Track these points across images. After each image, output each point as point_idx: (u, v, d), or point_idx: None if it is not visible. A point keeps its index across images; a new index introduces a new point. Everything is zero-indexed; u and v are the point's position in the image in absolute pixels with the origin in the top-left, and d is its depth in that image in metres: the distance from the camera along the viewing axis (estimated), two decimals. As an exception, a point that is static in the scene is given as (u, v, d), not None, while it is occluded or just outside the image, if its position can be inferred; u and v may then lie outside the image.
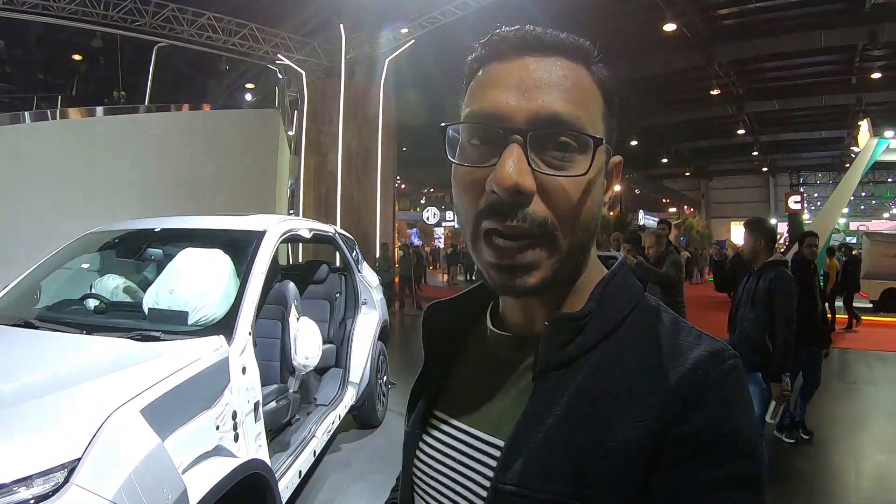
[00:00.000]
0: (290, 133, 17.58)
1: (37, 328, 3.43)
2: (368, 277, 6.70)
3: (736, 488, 0.71)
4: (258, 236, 4.10)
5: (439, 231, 38.38)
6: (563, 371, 0.81)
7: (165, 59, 16.92)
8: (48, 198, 9.56)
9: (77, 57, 22.08)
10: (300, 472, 4.22)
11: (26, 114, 10.84)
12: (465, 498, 0.87)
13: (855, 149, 23.16)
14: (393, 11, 15.15)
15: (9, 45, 21.73)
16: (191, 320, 3.45)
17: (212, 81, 25.68)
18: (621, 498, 0.72)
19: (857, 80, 23.81)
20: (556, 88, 0.78)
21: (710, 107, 27.71)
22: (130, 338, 3.08)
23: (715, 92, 23.73)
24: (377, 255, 16.14)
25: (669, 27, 18.04)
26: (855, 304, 15.31)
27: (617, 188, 0.96)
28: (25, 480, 1.99)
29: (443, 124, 0.85)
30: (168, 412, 2.53)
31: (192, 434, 2.69)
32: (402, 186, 38.82)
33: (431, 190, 46.51)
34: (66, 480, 2.04)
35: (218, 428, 2.90)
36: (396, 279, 17.90)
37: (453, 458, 0.90)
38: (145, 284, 4.31)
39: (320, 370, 5.56)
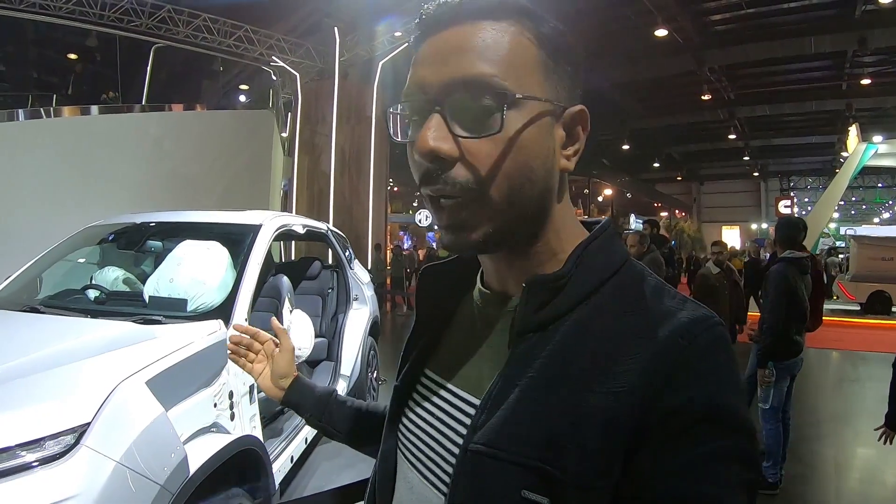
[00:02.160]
0: (284, 134, 17.65)
1: (42, 313, 3.57)
2: (360, 274, 6.83)
3: (727, 463, 0.70)
4: (254, 230, 4.25)
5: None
6: (541, 333, 0.81)
7: (161, 59, 17.00)
8: (47, 193, 9.61)
9: (72, 56, 22.07)
10: (292, 457, 4.36)
11: (20, 111, 10.87)
12: (439, 455, 0.89)
13: (845, 154, 23.36)
14: (387, 14, 15.27)
15: (3, 43, 21.72)
16: (189, 307, 3.59)
17: (206, 82, 25.69)
18: (593, 465, 0.71)
19: (848, 86, 23.96)
20: (470, 52, 0.79)
21: (701, 111, 27.81)
22: (133, 321, 3.24)
23: (706, 97, 23.84)
24: (370, 255, 16.27)
25: (661, 32, 18.16)
26: (842, 307, 15.55)
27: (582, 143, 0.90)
28: (38, 442, 2.15)
29: (386, 110, 0.90)
30: (171, 386, 2.70)
31: (192, 409, 2.85)
32: (395, 189, 38.87)
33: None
34: (77, 442, 2.19)
35: (216, 406, 3.06)
36: (388, 280, 18.03)
37: (436, 416, 0.92)
38: (144, 277, 4.44)
39: (312, 363, 5.69)
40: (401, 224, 39.12)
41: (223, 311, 3.48)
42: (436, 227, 0.93)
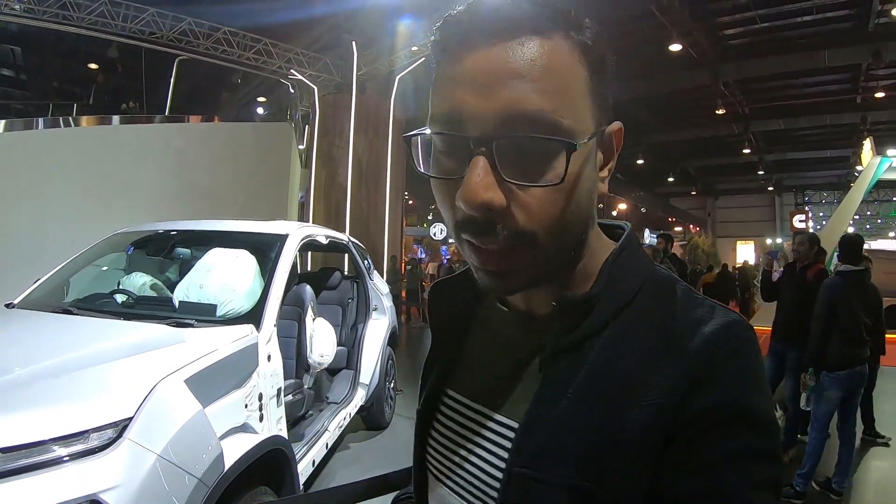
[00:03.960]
0: (301, 147, 17.75)
1: (75, 315, 3.70)
2: (379, 285, 6.94)
3: (752, 461, 0.70)
4: (282, 239, 4.39)
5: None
6: (574, 353, 0.79)
7: (182, 71, 17.19)
8: (68, 202, 9.73)
9: (93, 66, 22.31)
10: (314, 461, 4.47)
11: (40, 120, 11.00)
12: (481, 480, 0.86)
13: (859, 168, 23.27)
14: (404, 29, 15.40)
15: (25, 53, 21.99)
16: (219, 312, 3.71)
17: (224, 94, 25.93)
18: (636, 478, 0.72)
19: (862, 100, 23.85)
20: (522, 79, 0.70)
21: (716, 126, 27.69)
22: (167, 324, 3.36)
23: (721, 111, 23.80)
24: (385, 267, 16.35)
25: (675, 47, 18.20)
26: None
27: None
28: (83, 434, 2.27)
29: (406, 135, 0.80)
30: (207, 386, 2.83)
31: (225, 408, 2.98)
32: (410, 202, 38.97)
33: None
34: (120, 436, 2.32)
35: (246, 406, 3.18)
36: (403, 292, 18.13)
37: (468, 439, 0.90)
38: (168, 284, 4.59)
39: (332, 371, 5.80)
40: (415, 237, 39.18)
41: (254, 317, 3.60)
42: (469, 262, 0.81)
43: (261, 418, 3.32)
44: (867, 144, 20.98)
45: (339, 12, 15.68)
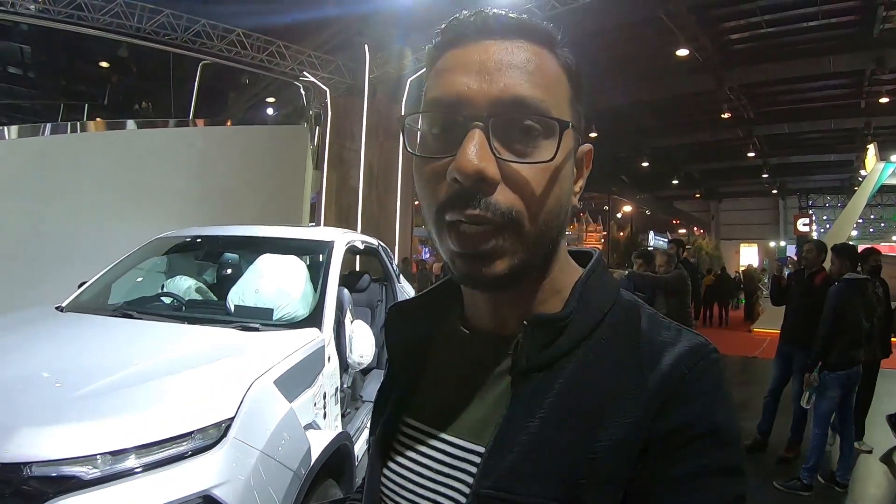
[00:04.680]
0: (311, 147, 17.79)
1: (135, 318, 3.83)
2: (406, 288, 7.11)
3: (719, 477, 0.72)
4: (329, 245, 4.56)
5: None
6: (545, 373, 0.79)
7: (194, 73, 17.25)
8: (86, 206, 9.75)
9: (104, 64, 22.26)
10: (357, 456, 4.66)
11: (48, 126, 10.96)
12: None
13: (863, 172, 23.40)
14: (416, 33, 15.48)
15: (34, 52, 21.97)
16: (275, 316, 3.88)
17: (232, 94, 25.89)
18: (611, 497, 0.72)
19: (866, 105, 23.97)
20: (519, 71, 0.76)
21: (720, 129, 27.75)
22: (233, 328, 3.54)
23: (726, 115, 23.90)
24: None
25: (682, 52, 18.37)
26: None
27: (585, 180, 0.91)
28: (189, 435, 2.46)
29: (400, 116, 0.83)
30: (290, 386, 3.04)
31: (300, 407, 3.18)
32: (417, 203, 38.95)
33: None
34: (225, 434, 2.52)
35: (315, 405, 3.38)
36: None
37: (429, 468, 0.87)
38: (208, 287, 4.77)
39: (364, 370, 5.98)
40: (420, 238, 39.32)
41: (315, 320, 3.80)
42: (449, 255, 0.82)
43: (324, 416, 3.52)
44: (871, 149, 21.14)
45: (352, 14, 15.79)
